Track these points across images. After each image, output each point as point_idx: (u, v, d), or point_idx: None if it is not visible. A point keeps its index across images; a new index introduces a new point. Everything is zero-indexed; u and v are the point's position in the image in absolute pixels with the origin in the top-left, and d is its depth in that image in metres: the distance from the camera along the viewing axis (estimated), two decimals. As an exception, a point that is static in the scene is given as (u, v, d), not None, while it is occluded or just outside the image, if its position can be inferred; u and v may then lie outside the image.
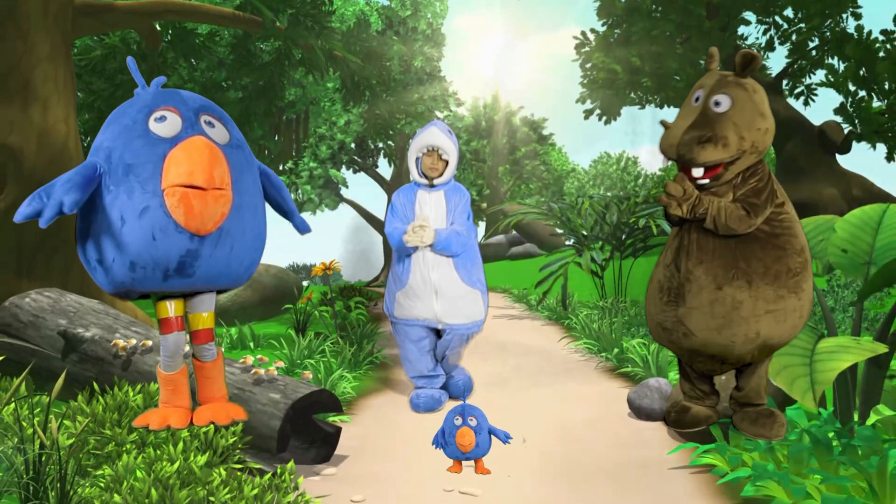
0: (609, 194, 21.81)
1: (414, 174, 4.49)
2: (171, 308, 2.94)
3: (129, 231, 2.67)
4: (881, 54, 11.92)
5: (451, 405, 4.48)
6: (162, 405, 3.03)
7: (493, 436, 3.20)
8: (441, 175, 4.44)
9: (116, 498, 2.25)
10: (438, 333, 4.59)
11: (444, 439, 3.18)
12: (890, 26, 11.94)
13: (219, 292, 3.12)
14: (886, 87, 12.00)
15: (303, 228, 3.32)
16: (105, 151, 2.76)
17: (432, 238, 4.29)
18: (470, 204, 4.57)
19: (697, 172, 2.88)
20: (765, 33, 13.38)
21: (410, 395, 4.57)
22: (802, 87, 13.63)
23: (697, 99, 2.91)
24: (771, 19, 13.15)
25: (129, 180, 2.69)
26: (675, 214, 2.91)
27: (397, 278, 4.49)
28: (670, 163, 3.11)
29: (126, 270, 2.72)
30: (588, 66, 14.26)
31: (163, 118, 2.79)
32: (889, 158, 12.47)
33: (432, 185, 4.47)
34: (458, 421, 3.15)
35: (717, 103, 2.84)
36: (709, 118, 2.83)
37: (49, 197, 2.64)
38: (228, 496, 2.31)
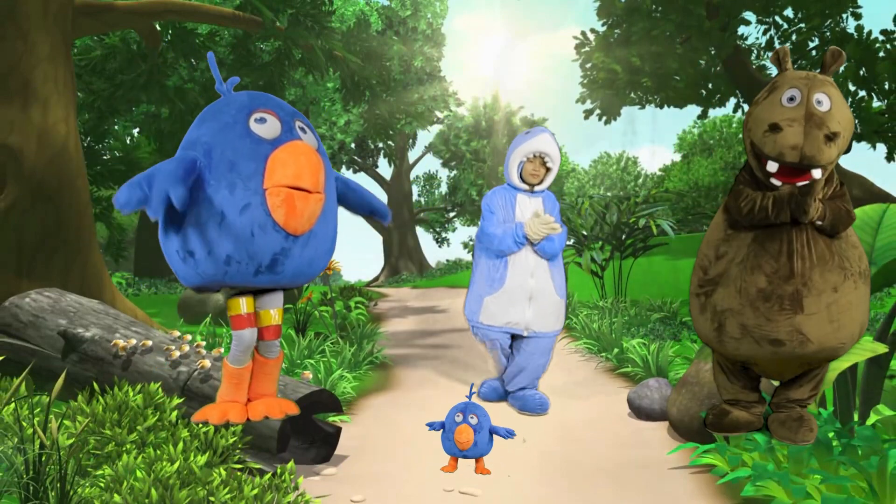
0: (609, 194, 21.82)
1: (514, 178, 4.48)
2: (244, 305, 3.03)
3: (229, 226, 2.76)
4: (881, 54, 11.91)
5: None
6: (220, 401, 3.10)
7: (495, 435, 3.20)
8: (541, 182, 4.46)
9: (116, 498, 2.25)
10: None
11: (444, 435, 3.20)
12: (890, 26, 11.94)
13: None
14: (886, 87, 12.00)
15: (389, 218, 3.51)
16: (204, 146, 2.84)
17: (559, 230, 4.36)
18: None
19: (818, 174, 2.70)
20: (765, 33, 13.38)
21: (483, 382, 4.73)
22: (802, 87, 13.61)
23: (793, 99, 2.74)
24: (771, 19, 13.14)
25: (231, 177, 2.77)
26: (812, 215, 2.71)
27: (489, 283, 4.46)
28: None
29: (220, 264, 2.81)
30: (588, 66, 14.26)
31: (263, 120, 2.89)
32: (889, 158, 12.46)
33: (532, 191, 4.48)
34: (459, 418, 3.16)
35: (819, 102, 2.71)
36: (821, 118, 2.68)
37: (151, 187, 2.68)
38: (228, 496, 2.31)
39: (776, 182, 2.77)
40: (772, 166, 2.74)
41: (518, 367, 4.51)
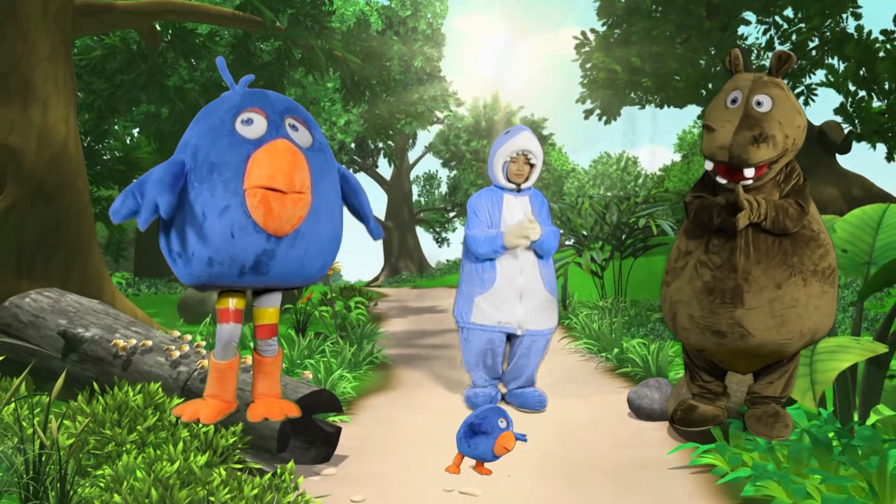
0: (609, 194, 21.79)
1: (500, 179, 4.44)
2: (232, 301, 3.03)
3: (210, 227, 2.77)
4: (881, 54, 11.90)
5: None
6: (206, 396, 3.09)
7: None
8: (527, 180, 4.43)
9: (116, 498, 2.25)
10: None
11: (472, 436, 3.08)
12: (890, 26, 11.94)
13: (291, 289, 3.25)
14: (886, 87, 11.99)
15: (377, 234, 3.39)
16: (192, 149, 2.87)
17: (539, 234, 4.28)
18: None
19: (749, 173, 2.83)
20: (765, 33, 13.37)
21: (466, 391, 4.54)
22: (802, 87, 13.62)
23: (735, 101, 2.87)
24: (771, 19, 13.14)
25: (212, 178, 2.78)
26: (742, 223, 2.82)
27: (479, 283, 4.40)
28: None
29: (204, 265, 2.82)
30: (588, 66, 14.25)
31: (249, 120, 2.87)
32: (889, 158, 12.46)
33: (519, 190, 4.46)
34: (504, 424, 3.07)
35: (759, 103, 2.82)
36: (756, 118, 2.80)
37: (143, 196, 2.77)
38: (228, 496, 2.31)
39: (721, 180, 2.91)
40: (708, 164, 2.92)
41: (518, 368, 4.49)
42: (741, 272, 2.84)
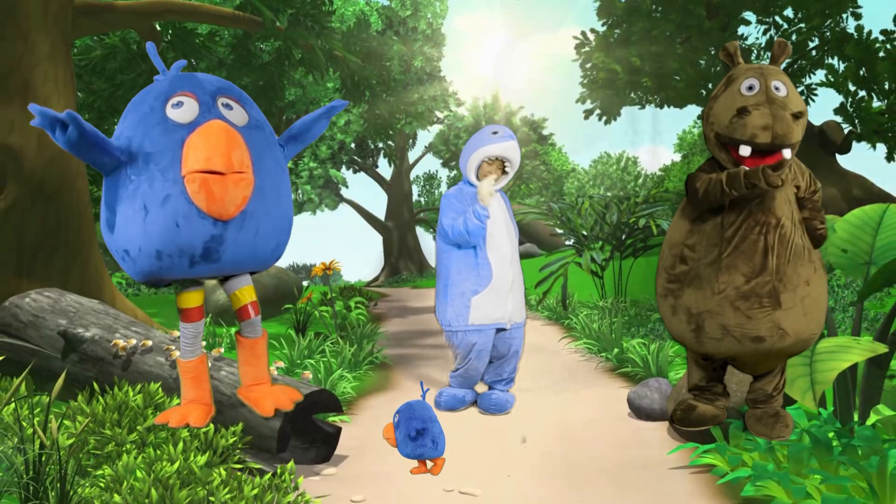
0: (609, 194, 21.81)
1: (470, 176, 4.36)
2: (195, 298, 3.00)
3: (153, 220, 2.68)
4: (881, 54, 11.90)
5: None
6: (183, 403, 3.07)
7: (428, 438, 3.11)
8: (497, 182, 4.38)
9: (116, 498, 2.25)
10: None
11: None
12: (890, 26, 11.93)
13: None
14: (886, 87, 11.98)
15: (339, 105, 3.22)
16: (125, 141, 2.77)
17: (489, 203, 4.27)
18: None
19: (787, 153, 2.79)
20: (765, 33, 13.36)
21: (437, 393, 4.54)
22: (802, 87, 13.61)
23: (751, 87, 2.83)
24: (771, 19, 13.13)
25: (149, 169, 2.70)
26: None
27: (475, 279, 4.26)
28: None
29: (153, 259, 2.73)
30: (588, 66, 14.24)
31: (180, 104, 2.79)
32: (889, 158, 12.45)
33: None
34: (396, 418, 3.13)
35: (777, 88, 2.81)
36: (784, 101, 2.78)
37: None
38: (228, 496, 2.31)
39: (747, 168, 2.80)
40: (745, 150, 2.80)
41: (500, 366, 4.47)
42: (775, 273, 2.81)
